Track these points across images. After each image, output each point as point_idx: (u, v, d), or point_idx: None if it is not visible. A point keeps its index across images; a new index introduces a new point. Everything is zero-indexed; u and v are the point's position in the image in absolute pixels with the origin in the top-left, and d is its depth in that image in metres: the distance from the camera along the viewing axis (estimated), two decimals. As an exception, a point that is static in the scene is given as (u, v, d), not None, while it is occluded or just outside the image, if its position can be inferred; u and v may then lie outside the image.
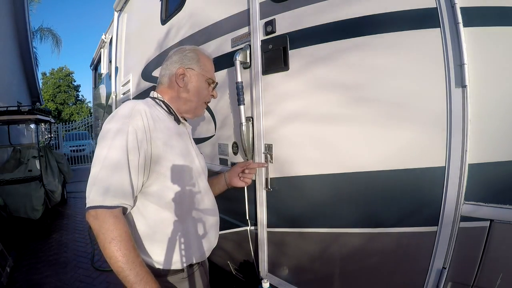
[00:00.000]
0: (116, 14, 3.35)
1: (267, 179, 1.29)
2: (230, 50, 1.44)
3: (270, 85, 1.25)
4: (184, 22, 1.82)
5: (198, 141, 1.72)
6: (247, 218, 1.46)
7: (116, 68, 3.37)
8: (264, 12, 1.25)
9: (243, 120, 1.30)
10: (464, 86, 0.80)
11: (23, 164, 4.17)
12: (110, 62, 3.84)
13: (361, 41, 0.98)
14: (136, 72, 2.68)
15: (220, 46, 1.49)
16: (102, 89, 5.31)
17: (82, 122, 12.75)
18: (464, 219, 0.83)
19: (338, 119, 1.05)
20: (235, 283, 2.19)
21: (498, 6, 0.79)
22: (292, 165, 1.21)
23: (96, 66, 6.44)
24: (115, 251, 0.74)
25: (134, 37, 2.88)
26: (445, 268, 0.87)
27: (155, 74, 2.25)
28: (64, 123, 13.16)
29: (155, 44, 2.23)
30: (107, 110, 4.51)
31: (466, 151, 0.81)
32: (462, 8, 0.80)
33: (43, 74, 25.77)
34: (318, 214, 1.16)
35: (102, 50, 5.22)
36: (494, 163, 0.81)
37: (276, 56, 1.21)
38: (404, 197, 0.94)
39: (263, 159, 1.28)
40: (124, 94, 3.15)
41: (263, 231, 1.35)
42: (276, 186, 1.28)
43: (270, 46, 1.22)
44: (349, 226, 1.07)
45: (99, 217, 0.76)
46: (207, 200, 1.06)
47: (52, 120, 5.85)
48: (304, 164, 1.17)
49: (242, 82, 1.29)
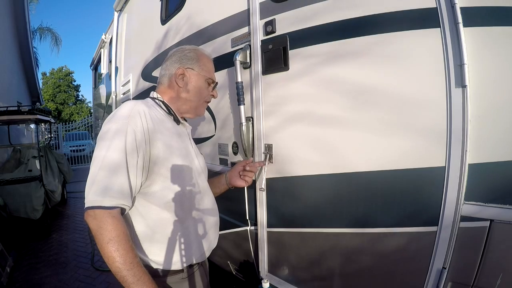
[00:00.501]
0: (116, 14, 3.35)
1: (262, 180, 1.28)
2: (230, 50, 1.43)
3: (270, 85, 1.25)
4: (184, 22, 1.82)
5: (199, 141, 1.72)
6: (247, 218, 1.46)
7: (116, 68, 3.37)
8: (264, 12, 1.25)
9: (243, 120, 1.30)
10: (464, 86, 0.80)
11: (23, 164, 4.18)
12: (110, 62, 3.84)
13: (361, 41, 0.98)
14: (136, 72, 2.68)
15: (220, 46, 1.49)
16: (102, 89, 5.31)
17: (82, 122, 12.75)
18: (464, 219, 0.83)
19: (338, 119, 1.05)
20: (235, 283, 2.19)
21: (498, 6, 0.79)
22: (292, 165, 1.21)
23: (96, 66, 6.44)
24: (113, 252, 0.74)
25: (134, 37, 2.88)
26: (445, 268, 0.87)
27: (155, 74, 2.25)
28: (64, 123, 13.17)
29: (155, 44, 2.23)
30: (107, 110, 4.52)
31: (466, 151, 0.81)
32: (462, 8, 0.80)
33: (43, 74, 25.80)
34: (318, 214, 1.16)
35: (102, 50, 5.22)
36: (494, 163, 0.81)
37: (276, 56, 1.21)
38: (404, 197, 0.94)
39: (263, 159, 1.28)
40: (124, 94, 3.15)
41: (263, 231, 1.35)
42: (271, 187, 1.28)
43: (270, 46, 1.22)
44: (349, 226, 1.07)
45: (97, 217, 0.76)
46: (207, 200, 1.06)
47: (52, 120, 5.85)
48: (304, 164, 1.17)
49: (242, 82, 1.29)
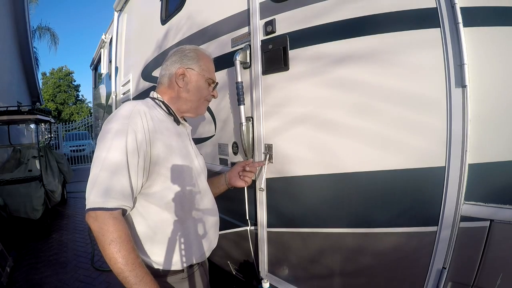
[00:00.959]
0: (116, 14, 3.35)
1: (261, 180, 1.28)
2: (230, 50, 1.43)
3: (270, 85, 1.25)
4: (184, 22, 1.82)
5: (199, 141, 1.72)
6: (247, 218, 1.46)
7: (116, 68, 3.37)
8: (264, 12, 1.25)
9: (243, 120, 1.30)
10: (464, 86, 0.80)
11: (23, 164, 4.17)
12: (110, 62, 3.84)
13: (361, 41, 0.98)
14: (136, 72, 2.68)
15: (220, 46, 1.49)
16: (102, 89, 5.31)
17: (82, 122, 12.76)
18: (464, 219, 0.83)
19: (338, 119, 1.05)
20: (235, 283, 2.19)
21: (498, 6, 0.79)
22: (292, 165, 1.21)
23: (96, 66, 6.44)
24: (115, 253, 0.75)
25: (134, 37, 2.88)
26: (445, 268, 0.87)
27: (155, 74, 2.25)
28: (64, 123, 13.17)
29: (155, 44, 2.23)
30: (107, 110, 4.52)
31: (466, 151, 0.81)
32: (462, 8, 0.80)
33: (43, 74, 25.80)
34: (318, 214, 1.16)
35: (102, 50, 5.22)
36: (494, 163, 0.81)
37: (276, 56, 1.21)
38: (404, 197, 0.94)
39: (263, 159, 1.28)
40: (124, 94, 3.15)
41: (263, 231, 1.35)
42: (271, 187, 1.28)
43: (270, 46, 1.22)
44: (349, 226, 1.07)
45: (99, 218, 0.76)
46: (207, 200, 1.06)
47: (52, 120, 5.85)
48: (304, 164, 1.17)
49: (242, 82, 1.29)
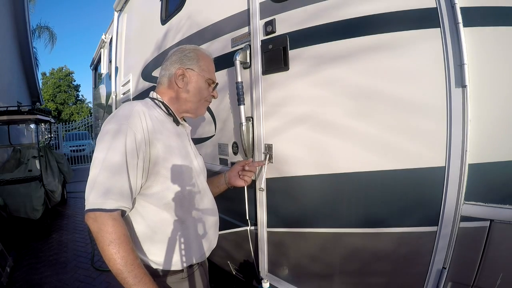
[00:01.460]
0: (116, 14, 3.35)
1: (261, 180, 1.28)
2: (230, 50, 1.43)
3: (270, 85, 1.25)
4: (184, 22, 1.82)
5: (199, 141, 1.72)
6: (247, 218, 1.46)
7: (116, 68, 3.37)
8: (264, 12, 1.25)
9: (243, 120, 1.30)
10: (464, 86, 0.80)
11: (23, 164, 4.17)
12: (110, 62, 3.84)
13: (361, 41, 0.98)
14: (136, 72, 2.68)
15: (220, 46, 1.49)
16: (102, 89, 5.31)
17: (82, 122, 12.75)
18: (464, 219, 0.83)
19: (338, 119, 1.05)
20: (235, 283, 2.19)
21: (498, 6, 0.79)
22: (292, 165, 1.20)
23: (96, 66, 6.44)
24: (114, 254, 0.75)
25: (134, 37, 2.88)
26: (445, 268, 0.87)
27: (155, 74, 2.25)
28: (64, 123, 13.16)
29: (155, 44, 2.23)
30: (107, 110, 4.52)
31: (466, 151, 0.81)
32: (462, 8, 0.80)
33: (43, 74, 25.80)
34: (318, 214, 1.16)
35: (102, 50, 5.22)
36: (494, 163, 0.81)
37: (276, 56, 1.21)
38: (404, 197, 0.94)
39: (263, 159, 1.28)
40: (124, 94, 3.15)
41: (263, 231, 1.35)
42: (271, 187, 1.28)
43: (270, 46, 1.22)
44: (349, 226, 1.07)
45: (98, 219, 0.76)
46: (206, 200, 1.06)
47: (52, 120, 5.85)
48: (305, 164, 1.17)
49: (242, 82, 1.29)
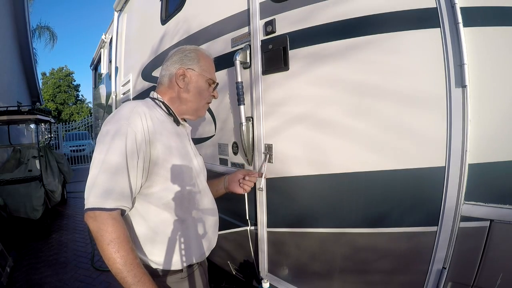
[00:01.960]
0: (116, 14, 3.35)
1: (261, 180, 1.28)
2: (230, 50, 1.43)
3: (270, 85, 1.25)
4: (184, 22, 1.82)
5: (199, 141, 1.72)
6: (247, 218, 1.46)
7: (116, 68, 3.37)
8: (264, 12, 1.25)
9: (243, 120, 1.30)
10: (464, 86, 0.80)
11: (23, 164, 4.17)
12: (110, 62, 3.84)
13: (361, 41, 0.98)
14: (136, 72, 2.68)
15: (220, 46, 1.49)
16: (102, 89, 5.31)
17: (82, 122, 12.75)
18: (464, 219, 0.83)
19: (338, 119, 1.05)
20: (235, 283, 2.20)
21: (498, 6, 0.79)
22: (293, 165, 1.21)
23: (96, 66, 6.44)
24: (113, 253, 0.75)
25: (134, 37, 2.88)
26: (445, 268, 0.87)
27: (155, 74, 2.25)
28: (64, 123, 13.16)
29: (155, 44, 2.23)
30: (107, 110, 4.51)
31: (466, 151, 0.81)
32: (462, 8, 0.80)
33: (43, 74, 25.80)
34: (319, 214, 1.16)
35: (102, 50, 5.22)
36: (494, 163, 0.81)
37: (276, 56, 1.21)
38: (404, 197, 0.94)
39: (263, 159, 1.28)
40: (124, 94, 3.15)
41: (263, 231, 1.35)
42: (271, 187, 1.28)
43: (270, 46, 1.22)
44: (349, 226, 1.07)
45: (98, 219, 0.76)
46: (206, 200, 1.06)
47: (52, 120, 5.85)
48: (305, 164, 1.17)
49: (242, 82, 1.29)
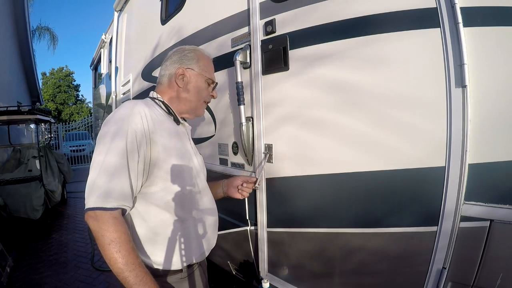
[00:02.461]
0: (116, 14, 3.35)
1: (256, 178, 1.26)
2: (230, 50, 1.43)
3: (270, 85, 1.25)
4: (184, 22, 1.82)
5: (198, 141, 1.72)
6: (247, 218, 1.46)
7: (116, 68, 3.37)
8: (264, 12, 1.25)
9: (243, 120, 1.30)
10: (464, 86, 0.80)
11: (23, 164, 4.17)
12: (110, 62, 3.84)
13: (361, 41, 0.98)
14: (136, 72, 2.68)
15: (220, 46, 1.49)
16: (102, 89, 5.31)
17: (82, 122, 12.75)
18: (464, 219, 0.83)
19: (338, 119, 1.05)
20: (235, 283, 2.20)
21: (498, 6, 0.79)
22: (292, 165, 1.21)
23: (96, 66, 6.44)
24: (115, 253, 0.74)
25: (134, 37, 2.88)
26: (445, 268, 0.87)
27: (155, 74, 2.25)
28: (64, 123, 13.16)
29: (155, 44, 2.23)
30: (107, 110, 4.52)
31: (466, 151, 0.81)
32: (462, 8, 0.80)
33: (43, 74, 25.79)
34: (318, 214, 1.16)
35: (102, 50, 5.22)
36: (494, 163, 0.81)
37: (276, 56, 1.21)
38: (404, 197, 0.94)
39: (261, 161, 1.28)
40: (124, 94, 3.15)
41: (263, 231, 1.35)
42: (271, 187, 1.28)
43: (270, 46, 1.22)
44: (349, 226, 1.07)
45: (99, 218, 0.76)
46: (206, 199, 1.06)
47: (52, 120, 5.85)
48: (305, 164, 1.17)
49: (242, 82, 1.29)
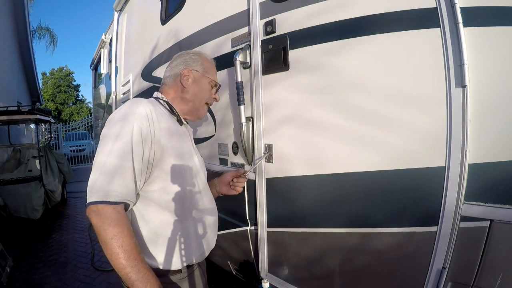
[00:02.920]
0: (116, 14, 3.35)
1: (245, 170, 1.24)
2: (230, 50, 1.43)
3: (270, 85, 1.25)
4: (184, 22, 1.82)
5: (199, 141, 1.72)
6: (247, 218, 1.46)
7: (116, 68, 3.37)
8: (264, 12, 1.25)
9: (243, 120, 1.30)
10: (464, 86, 0.80)
11: (23, 164, 4.16)
12: (110, 62, 3.84)
13: (361, 41, 0.98)
14: (136, 72, 2.68)
15: (220, 46, 1.49)
16: (102, 89, 5.31)
17: (82, 122, 12.74)
18: (464, 219, 0.83)
19: (338, 119, 1.05)
20: (235, 283, 2.20)
21: (498, 6, 0.79)
22: (292, 165, 1.20)
23: (96, 66, 6.44)
24: (117, 248, 0.73)
25: (134, 37, 2.88)
26: (445, 268, 0.87)
27: (155, 74, 2.25)
28: (64, 123, 13.15)
29: (155, 44, 2.23)
30: (107, 110, 4.51)
31: (466, 151, 0.81)
32: (462, 8, 0.80)
33: (43, 74, 25.79)
34: (319, 214, 1.16)
35: (102, 50, 5.22)
36: (494, 163, 0.81)
37: (276, 56, 1.21)
38: (404, 197, 0.94)
39: (263, 159, 1.28)
40: (124, 94, 3.15)
41: (263, 231, 1.35)
42: (271, 187, 1.28)
43: (270, 46, 1.22)
44: (349, 226, 1.07)
45: (101, 212, 0.74)
46: (206, 199, 1.06)
47: (52, 120, 5.85)
48: (305, 164, 1.17)
49: (242, 82, 1.29)
